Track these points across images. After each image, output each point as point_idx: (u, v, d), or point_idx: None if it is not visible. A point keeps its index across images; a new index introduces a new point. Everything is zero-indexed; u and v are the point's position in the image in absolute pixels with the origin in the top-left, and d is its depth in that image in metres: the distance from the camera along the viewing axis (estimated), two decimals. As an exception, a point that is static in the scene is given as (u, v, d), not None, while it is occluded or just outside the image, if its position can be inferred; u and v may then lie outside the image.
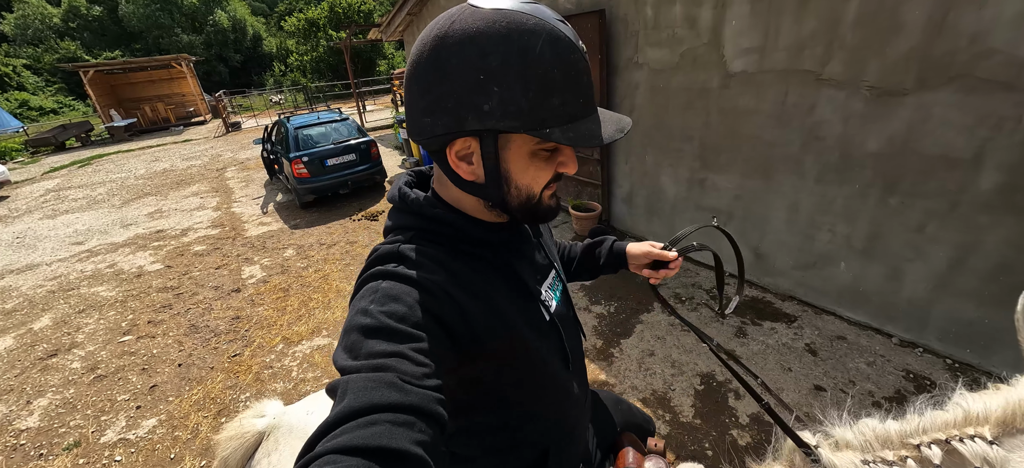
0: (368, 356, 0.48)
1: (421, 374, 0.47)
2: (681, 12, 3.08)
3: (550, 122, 0.53)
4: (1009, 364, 2.24)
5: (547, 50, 0.51)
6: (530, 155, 0.58)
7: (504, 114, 0.52)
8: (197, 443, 2.45)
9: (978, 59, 1.98)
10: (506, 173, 0.58)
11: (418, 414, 0.44)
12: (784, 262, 3.08)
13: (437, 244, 0.62)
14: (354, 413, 0.42)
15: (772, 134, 2.84)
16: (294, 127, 6.28)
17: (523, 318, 0.66)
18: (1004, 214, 2.08)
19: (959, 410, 0.56)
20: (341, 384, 0.46)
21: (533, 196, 0.61)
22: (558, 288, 0.79)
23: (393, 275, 0.56)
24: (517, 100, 0.51)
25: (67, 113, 24.68)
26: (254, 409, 1.31)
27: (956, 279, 2.31)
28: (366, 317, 0.51)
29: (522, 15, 0.51)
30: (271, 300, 3.91)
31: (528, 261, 0.73)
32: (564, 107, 0.53)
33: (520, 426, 0.73)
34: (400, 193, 0.67)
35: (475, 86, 0.51)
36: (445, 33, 0.52)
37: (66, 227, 6.58)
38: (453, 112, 0.53)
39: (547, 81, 0.51)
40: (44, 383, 3.09)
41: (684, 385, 2.48)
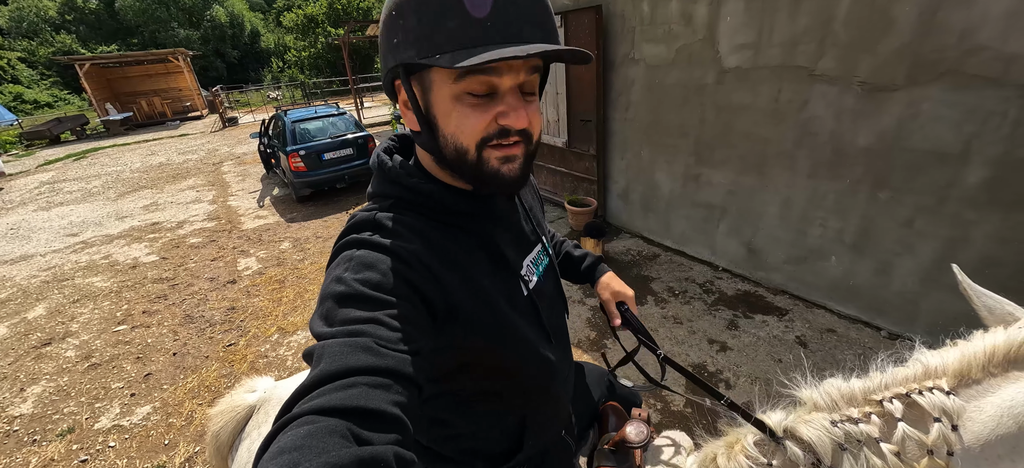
0: (343, 322, 0.48)
1: (396, 339, 0.48)
2: (677, 8, 3.10)
3: (443, 48, 0.50)
4: (994, 356, 2.28)
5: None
6: (453, 98, 0.54)
7: (405, 44, 0.53)
8: (191, 430, 2.46)
9: (967, 55, 2.02)
10: (433, 119, 0.57)
11: (394, 377, 0.45)
12: (776, 257, 3.11)
13: (415, 212, 0.62)
14: (331, 376, 0.42)
15: (766, 130, 2.87)
16: (291, 121, 6.28)
17: (500, 290, 0.65)
18: (991, 209, 2.12)
19: (918, 365, 0.59)
20: (317, 349, 0.46)
21: (465, 149, 0.57)
22: (543, 263, 0.78)
23: (368, 243, 0.56)
24: (413, 27, 0.52)
25: (62, 107, 24.50)
26: (246, 384, 1.32)
27: (944, 273, 2.35)
28: (341, 285, 0.51)
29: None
30: (267, 291, 3.91)
31: (511, 232, 0.72)
32: (462, 30, 0.50)
33: (498, 394, 0.73)
34: (378, 160, 0.67)
35: (389, 23, 0.55)
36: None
37: (61, 219, 6.55)
38: (384, 54, 0.57)
39: (439, 7, 0.50)
40: (38, 371, 3.09)
41: (675, 375, 2.51)
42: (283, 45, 29.94)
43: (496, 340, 0.65)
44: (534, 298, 0.71)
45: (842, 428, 0.57)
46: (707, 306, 3.09)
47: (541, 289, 0.74)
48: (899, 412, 0.56)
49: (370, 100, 19.22)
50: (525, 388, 0.75)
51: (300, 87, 22.32)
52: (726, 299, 3.14)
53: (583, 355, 2.71)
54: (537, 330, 0.71)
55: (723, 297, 3.17)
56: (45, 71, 26.14)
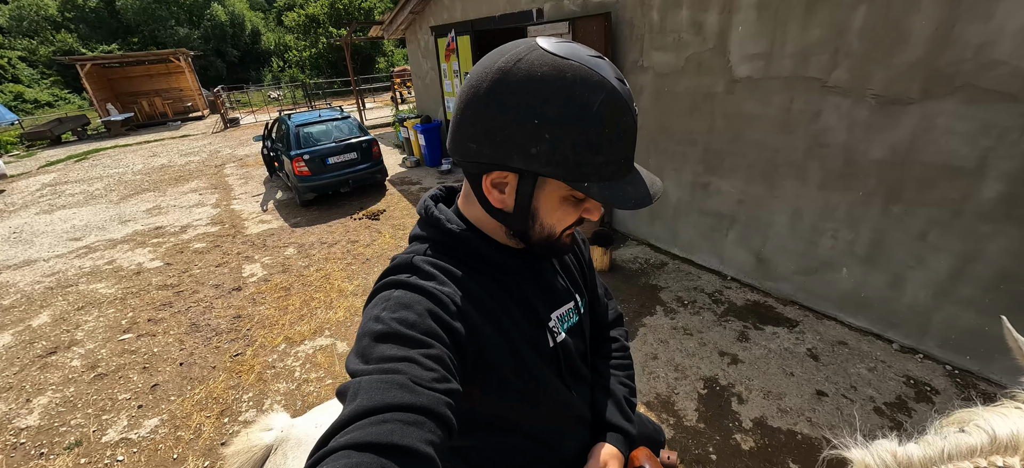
0: (379, 360, 0.49)
1: (430, 378, 0.49)
2: (687, 16, 3.09)
3: (590, 176, 0.55)
4: (1009, 372, 2.27)
5: (603, 110, 0.52)
6: (561, 199, 0.60)
7: (549, 161, 0.54)
8: (200, 443, 2.45)
9: (983, 70, 2.00)
10: (535, 211, 0.61)
11: (428, 415, 0.45)
12: (786, 267, 3.10)
13: (452, 258, 0.65)
14: (366, 412, 0.43)
15: (776, 140, 2.86)
16: (295, 125, 6.25)
17: (527, 341, 0.68)
18: (1006, 223, 2.10)
19: (984, 435, 0.52)
20: (352, 386, 0.47)
21: (554, 234, 0.64)
22: (571, 321, 0.79)
23: (405, 284, 0.59)
24: (565, 152, 0.53)
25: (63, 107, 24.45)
26: (260, 423, 1.30)
27: (957, 287, 2.33)
28: (378, 323, 0.53)
29: (587, 70, 0.52)
30: (272, 299, 3.90)
31: (542, 286, 0.75)
32: (606, 165, 0.55)
33: (520, 447, 0.75)
34: (425, 207, 0.70)
35: (528, 129, 0.53)
36: (510, 70, 0.53)
37: (63, 222, 6.53)
38: (500, 147, 0.55)
39: (597, 140, 0.53)
40: (44, 381, 3.07)
41: (687, 389, 2.50)
42: (284, 45, 29.88)
43: (523, 388, 0.67)
44: (559, 350, 0.73)
45: None
46: (717, 317, 3.07)
47: (566, 344, 0.76)
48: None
49: (372, 101, 19.19)
50: (547, 436, 0.76)
51: (301, 87, 22.28)
52: (736, 310, 3.12)
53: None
54: (557, 381, 0.74)
55: (733, 307, 3.15)
56: (46, 70, 26.08)
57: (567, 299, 0.79)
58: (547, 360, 0.72)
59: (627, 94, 0.55)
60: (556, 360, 0.73)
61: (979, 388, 2.32)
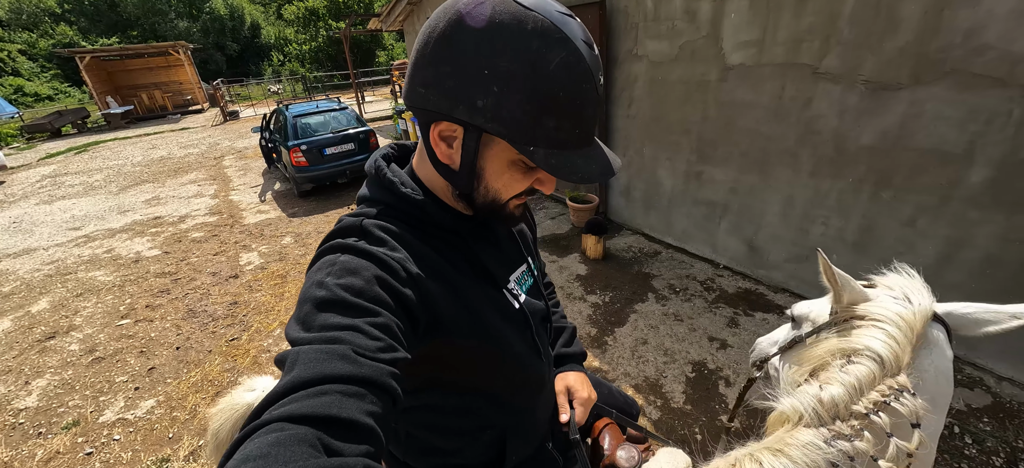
0: (321, 328, 0.47)
1: (375, 348, 0.46)
2: (681, 5, 3.09)
3: (538, 142, 0.51)
4: (993, 356, 2.30)
5: (561, 71, 0.48)
6: (509, 163, 0.57)
7: (495, 117, 0.50)
8: (195, 423, 2.48)
9: (972, 55, 2.01)
10: (480, 170, 0.57)
11: (370, 386, 0.43)
12: (778, 255, 3.11)
13: (403, 222, 0.62)
14: (304, 383, 0.41)
15: (769, 128, 2.87)
16: (293, 115, 6.27)
17: (488, 304, 0.66)
18: (993, 209, 2.11)
19: (871, 362, 0.61)
20: (291, 355, 0.45)
21: (499, 201, 0.60)
22: (527, 282, 0.78)
23: (352, 249, 0.55)
24: (512, 109, 0.49)
25: (63, 100, 24.44)
26: (245, 384, 1.33)
27: (945, 272, 2.35)
28: (321, 289, 0.50)
29: (550, 24, 0.48)
30: (269, 286, 3.93)
31: (496, 250, 0.73)
32: (558, 132, 0.51)
33: (480, 408, 0.74)
34: (376, 166, 0.66)
35: (477, 78, 0.49)
36: (469, 12, 0.49)
37: (63, 213, 6.56)
38: (448, 94, 0.52)
39: (549, 102, 0.49)
40: (42, 364, 3.11)
41: (676, 372, 2.52)
42: (283, 38, 29.80)
43: (484, 352, 0.65)
44: (526, 311, 0.72)
45: (836, 446, 0.57)
46: (708, 304, 3.09)
47: (530, 305, 0.75)
48: (888, 426, 0.56)
49: (371, 94, 19.16)
50: (508, 400, 0.75)
51: (301, 81, 22.25)
52: (727, 297, 3.15)
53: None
54: (528, 344, 0.72)
55: (724, 295, 3.17)
56: (45, 63, 26.05)
57: (520, 261, 0.79)
58: (517, 323, 0.70)
59: (593, 60, 0.51)
60: (525, 322, 0.72)
61: (964, 372, 2.34)
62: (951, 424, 2.08)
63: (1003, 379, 2.27)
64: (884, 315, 0.67)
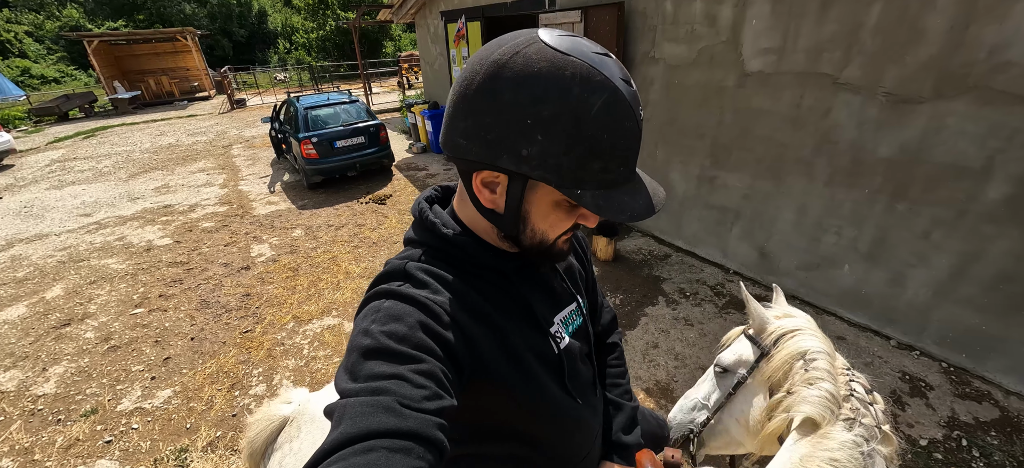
0: (367, 378, 0.47)
1: (420, 397, 0.46)
2: (701, 9, 3.07)
3: (585, 184, 0.51)
4: (1002, 370, 2.31)
5: (603, 113, 0.48)
6: (553, 204, 0.56)
7: (541, 165, 0.50)
8: (212, 414, 2.52)
9: (995, 71, 2.01)
10: (526, 214, 0.57)
11: (416, 439, 0.43)
12: (789, 263, 3.12)
13: (448, 264, 0.61)
14: (351, 440, 0.41)
15: (785, 135, 2.87)
16: (304, 107, 6.27)
17: (530, 349, 0.65)
18: (1010, 225, 2.12)
19: (824, 356, 0.80)
20: (338, 408, 0.45)
21: (547, 241, 0.60)
22: (575, 323, 0.76)
23: (396, 294, 0.55)
24: (558, 156, 0.49)
25: (69, 83, 24.45)
26: (282, 395, 1.36)
27: (958, 286, 2.36)
28: (367, 337, 0.51)
29: (589, 67, 0.48)
30: (281, 279, 3.96)
31: (543, 290, 0.72)
32: (604, 173, 0.51)
33: (527, 456, 0.72)
34: (419, 209, 0.66)
35: (520, 128, 0.49)
36: (505, 63, 0.49)
37: (73, 198, 6.60)
38: (491, 145, 0.51)
39: (594, 145, 0.49)
40: (59, 351, 3.16)
41: (686, 377, 2.55)
42: (291, 26, 29.68)
43: (527, 397, 0.65)
44: (563, 357, 0.70)
45: (858, 433, 0.72)
46: (718, 309, 3.11)
47: (570, 349, 0.73)
48: (865, 395, 0.78)
49: (378, 86, 19.12)
50: (552, 448, 0.74)
51: (308, 70, 22.18)
52: (737, 303, 3.16)
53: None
54: (559, 389, 0.71)
55: (734, 301, 3.19)
56: (52, 45, 26.04)
57: (569, 301, 0.76)
58: (551, 367, 0.69)
59: (632, 96, 0.50)
60: (559, 368, 0.70)
61: (973, 386, 2.36)
62: (959, 437, 2.10)
63: (1011, 394, 2.29)
64: (798, 324, 0.86)
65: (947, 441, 2.09)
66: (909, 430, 2.14)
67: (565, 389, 0.71)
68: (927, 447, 2.06)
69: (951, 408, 2.25)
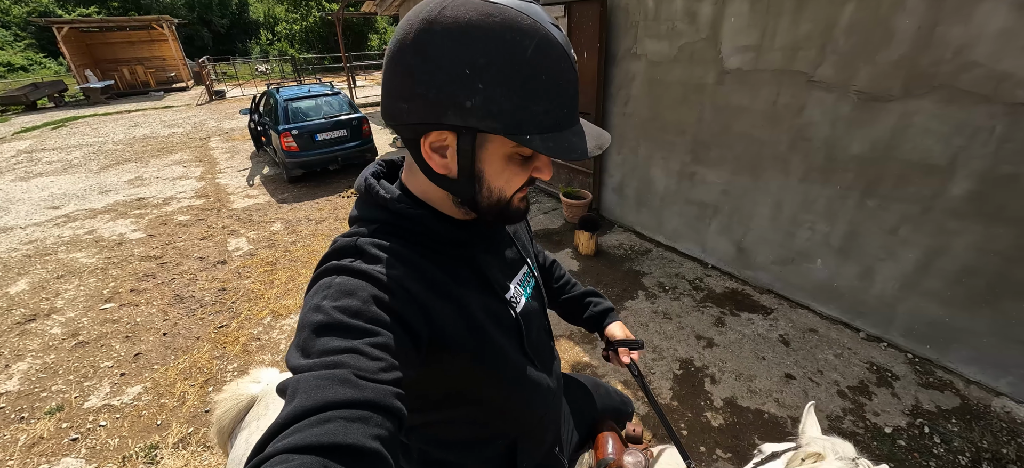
0: (321, 354, 0.46)
1: (376, 369, 0.46)
2: (682, 6, 3.10)
3: (531, 128, 0.51)
4: (964, 360, 2.40)
5: (537, 55, 0.49)
6: (507, 158, 0.56)
7: (486, 114, 0.50)
8: (184, 410, 2.46)
9: (961, 71, 2.07)
10: (480, 173, 0.57)
11: (374, 409, 0.43)
12: (765, 257, 3.19)
13: (400, 238, 0.61)
14: (306, 411, 0.41)
15: (762, 132, 2.92)
16: (284, 99, 6.13)
17: (489, 316, 0.66)
18: (972, 220, 2.20)
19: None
20: (292, 383, 0.44)
21: (504, 198, 0.60)
22: (530, 284, 0.78)
23: (348, 270, 0.55)
24: (500, 101, 0.49)
25: (38, 71, 23.46)
26: (251, 374, 1.34)
27: (923, 280, 2.44)
28: (319, 314, 0.50)
29: (517, 13, 0.49)
30: (258, 273, 3.88)
31: (497, 257, 0.73)
32: (547, 115, 0.52)
33: (488, 421, 0.74)
34: (366, 184, 0.65)
35: (459, 80, 0.49)
36: (434, 18, 0.49)
37: (41, 190, 6.35)
38: (433, 103, 0.51)
39: (533, 86, 0.50)
40: (23, 348, 3.04)
41: (663, 369, 2.59)
42: (273, 17, 28.99)
43: (488, 364, 0.65)
44: (520, 321, 0.71)
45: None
46: (696, 303, 3.16)
47: (528, 311, 0.74)
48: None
49: (363, 79, 18.82)
50: (512, 412, 0.75)
51: (290, 62, 21.71)
52: (714, 296, 3.22)
53: (574, 347, 2.77)
54: (520, 353, 0.72)
55: (711, 294, 3.25)
56: (19, 32, 24.91)
57: (520, 264, 0.78)
58: (510, 332, 0.70)
59: (564, 40, 0.52)
60: (518, 331, 0.71)
61: (936, 375, 2.45)
62: (922, 424, 2.18)
63: (971, 383, 2.39)
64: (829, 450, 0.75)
65: (910, 428, 2.16)
66: (875, 418, 2.22)
67: (524, 353, 0.72)
68: (891, 434, 2.13)
69: (915, 397, 2.33)
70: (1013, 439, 2.09)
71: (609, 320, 1.04)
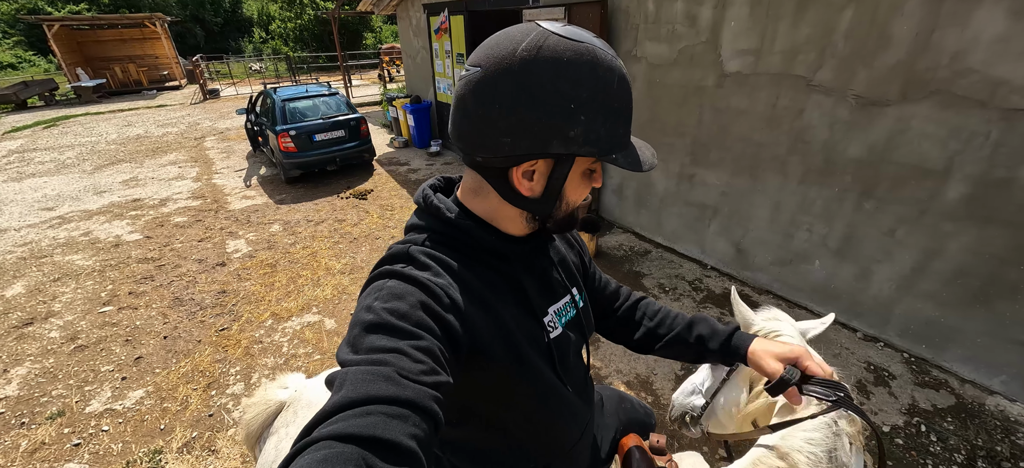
0: (368, 351, 0.49)
1: (419, 371, 0.48)
2: (682, 9, 3.12)
3: (616, 149, 0.59)
4: (958, 360, 2.45)
5: (620, 86, 0.57)
6: (582, 174, 0.64)
7: (586, 141, 0.57)
8: (187, 415, 2.46)
9: (957, 76, 2.11)
10: (564, 192, 0.63)
11: (413, 408, 0.45)
12: (763, 258, 3.23)
13: (449, 248, 0.65)
14: (350, 403, 0.43)
15: (761, 135, 2.95)
16: (281, 99, 6.10)
17: (524, 333, 0.68)
18: (967, 223, 2.24)
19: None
20: (339, 376, 0.47)
21: (574, 210, 0.67)
22: (568, 315, 0.79)
23: (399, 275, 0.59)
24: (598, 129, 0.57)
25: (28, 69, 23.12)
26: (278, 380, 1.36)
27: (919, 281, 2.49)
28: (369, 314, 0.53)
29: (602, 51, 0.56)
30: (258, 275, 3.87)
31: (540, 279, 0.75)
32: (625, 136, 0.60)
33: (520, 440, 0.75)
34: (424, 196, 0.70)
35: (565, 113, 0.55)
36: (533, 58, 0.54)
37: (34, 191, 6.27)
38: (539, 136, 0.56)
39: (618, 114, 0.58)
40: (21, 352, 3.01)
41: (665, 370, 2.61)
42: (267, 15, 28.72)
43: (521, 382, 0.67)
44: (552, 346, 0.73)
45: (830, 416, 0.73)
46: (696, 303, 3.19)
47: (562, 339, 0.76)
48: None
49: (358, 78, 18.73)
50: (545, 432, 0.76)
51: (284, 60, 21.54)
52: (714, 297, 3.25)
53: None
54: (553, 376, 0.73)
55: (711, 295, 3.28)
56: (8, 30, 24.52)
57: (564, 293, 0.79)
58: (542, 354, 0.71)
59: (621, 64, 0.60)
60: (549, 354, 0.73)
61: (932, 375, 2.49)
62: (919, 423, 2.22)
63: (966, 382, 2.44)
64: (781, 328, 0.93)
65: (907, 427, 2.21)
66: (873, 417, 2.26)
67: (557, 374, 0.74)
68: (889, 433, 2.17)
69: (912, 396, 2.37)
70: (1007, 436, 2.14)
71: (745, 340, 0.82)
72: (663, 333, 0.92)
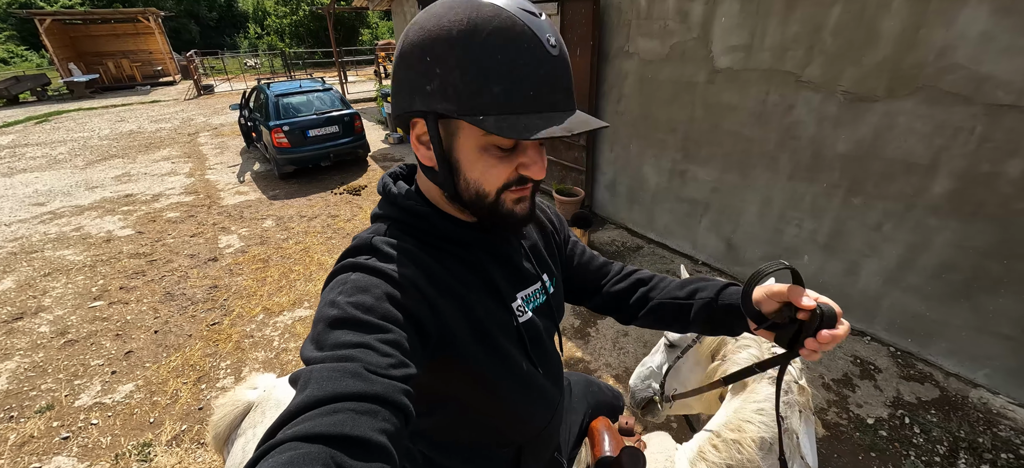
0: (334, 347, 0.47)
1: (387, 364, 0.47)
2: (674, 5, 3.13)
3: (488, 110, 0.51)
4: (943, 353, 2.48)
5: (494, 37, 0.50)
6: (479, 149, 0.56)
7: (442, 96, 0.52)
8: (177, 408, 2.45)
9: (943, 73, 2.13)
10: (456, 162, 0.58)
11: (382, 403, 0.43)
12: (753, 253, 3.25)
13: (413, 237, 0.63)
14: (316, 402, 0.41)
15: (751, 131, 2.97)
16: (275, 94, 6.07)
17: (493, 321, 0.66)
18: (952, 217, 2.27)
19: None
20: (304, 374, 0.45)
21: (486, 194, 0.59)
22: (537, 300, 0.77)
23: (363, 267, 0.57)
24: (454, 83, 0.51)
25: (19, 64, 22.89)
26: (247, 381, 1.35)
27: (905, 275, 2.51)
28: (333, 308, 0.51)
29: (487, 6, 0.51)
30: (250, 270, 3.86)
31: (507, 265, 0.72)
32: (506, 96, 0.51)
33: (492, 427, 0.75)
34: (384, 185, 0.69)
35: (422, 67, 0.53)
36: (417, 20, 0.56)
37: (25, 186, 6.23)
38: (407, 91, 0.57)
39: (487, 67, 0.50)
40: (10, 346, 3.00)
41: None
42: (262, 10, 28.55)
43: (492, 368, 0.66)
44: (523, 331, 0.71)
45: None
46: (687, 298, 3.21)
47: (531, 324, 0.74)
48: None
49: (354, 74, 18.65)
50: (517, 417, 0.75)
51: (280, 56, 21.41)
52: (705, 292, 3.27)
53: (567, 342, 2.81)
54: (524, 361, 0.72)
55: (702, 290, 3.30)
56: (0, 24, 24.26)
57: (534, 279, 0.77)
58: (512, 339, 0.70)
59: (534, 23, 0.51)
60: (520, 339, 0.71)
61: (917, 368, 2.52)
62: (903, 415, 2.25)
63: (950, 375, 2.47)
64: None
65: (892, 419, 2.24)
66: (858, 410, 2.28)
67: (528, 359, 0.73)
68: (873, 425, 2.20)
69: (897, 389, 2.40)
70: (989, 428, 2.17)
71: (733, 294, 0.73)
72: (655, 296, 0.84)
